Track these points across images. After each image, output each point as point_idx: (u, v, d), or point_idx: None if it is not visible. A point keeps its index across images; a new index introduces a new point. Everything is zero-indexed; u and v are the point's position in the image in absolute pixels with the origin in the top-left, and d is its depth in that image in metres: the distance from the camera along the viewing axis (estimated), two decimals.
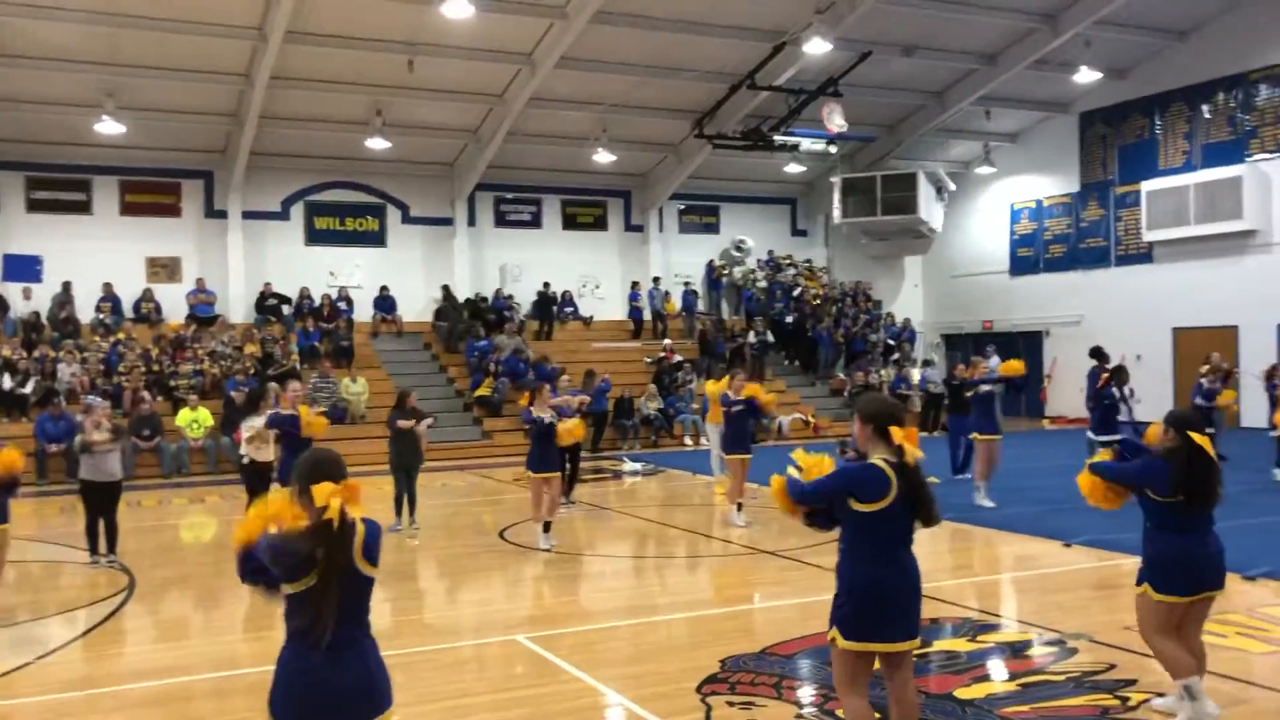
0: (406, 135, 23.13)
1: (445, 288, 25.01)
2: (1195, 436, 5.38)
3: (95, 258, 22.52)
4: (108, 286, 22.45)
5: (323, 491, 3.59)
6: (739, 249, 28.43)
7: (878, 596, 4.41)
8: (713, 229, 28.76)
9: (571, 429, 11.45)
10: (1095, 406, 13.87)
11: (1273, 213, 22.02)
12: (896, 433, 4.43)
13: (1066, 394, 25.39)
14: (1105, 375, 13.72)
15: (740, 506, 12.44)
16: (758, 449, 13.63)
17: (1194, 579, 5.37)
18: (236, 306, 23.44)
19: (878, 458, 4.46)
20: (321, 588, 3.52)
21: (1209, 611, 5.64)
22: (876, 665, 4.62)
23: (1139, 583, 5.51)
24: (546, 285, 25.70)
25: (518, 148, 24.33)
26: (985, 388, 13.44)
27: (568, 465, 13.75)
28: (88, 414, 11.03)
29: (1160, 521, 5.43)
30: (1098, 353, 14.59)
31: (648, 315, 26.40)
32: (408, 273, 25.19)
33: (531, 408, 11.35)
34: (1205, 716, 5.38)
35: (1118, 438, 13.37)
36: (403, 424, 12.41)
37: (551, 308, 25.61)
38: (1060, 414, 25.97)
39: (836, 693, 4.68)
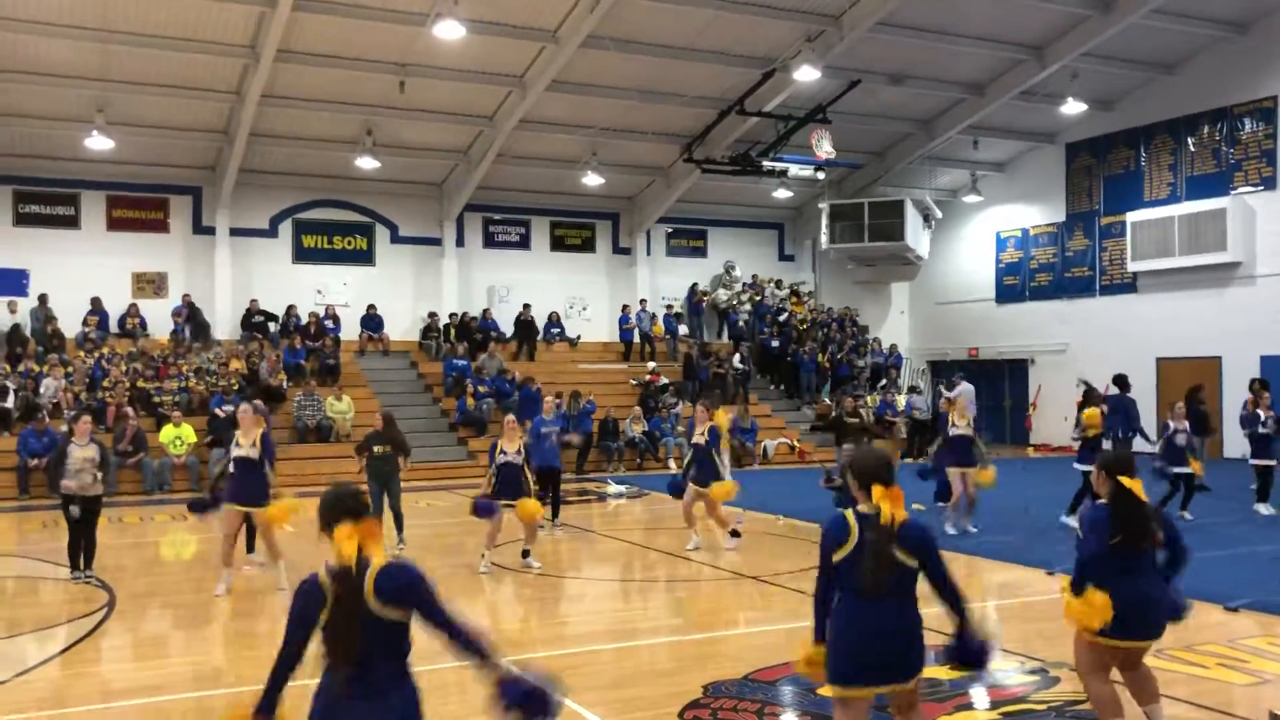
0: (396, 155, 23.17)
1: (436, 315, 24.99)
2: (1125, 481, 5.41)
3: (82, 272, 22.45)
4: (96, 301, 22.35)
5: (343, 532, 3.65)
6: (729, 273, 28.52)
7: (850, 642, 4.50)
8: (700, 252, 28.86)
9: (531, 510, 11.11)
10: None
11: (1256, 245, 22.21)
12: (878, 492, 4.52)
13: (1051, 422, 25.51)
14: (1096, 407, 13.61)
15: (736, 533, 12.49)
16: (746, 471, 13.48)
17: (1131, 625, 5.33)
18: (223, 323, 23.37)
19: (853, 508, 4.60)
20: (329, 624, 3.58)
21: (1144, 655, 5.61)
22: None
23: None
24: (527, 307, 25.65)
25: (507, 169, 24.38)
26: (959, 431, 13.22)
27: (549, 492, 13.72)
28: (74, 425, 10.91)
29: (1113, 566, 5.40)
30: (1119, 381, 14.60)
31: (637, 337, 26.45)
32: (395, 292, 25.17)
33: (499, 439, 11.30)
34: None
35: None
36: (357, 465, 12.45)
37: (530, 329, 25.50)
38: (1044, 442, 26.05)
39: None
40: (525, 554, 11.20)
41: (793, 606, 9.19)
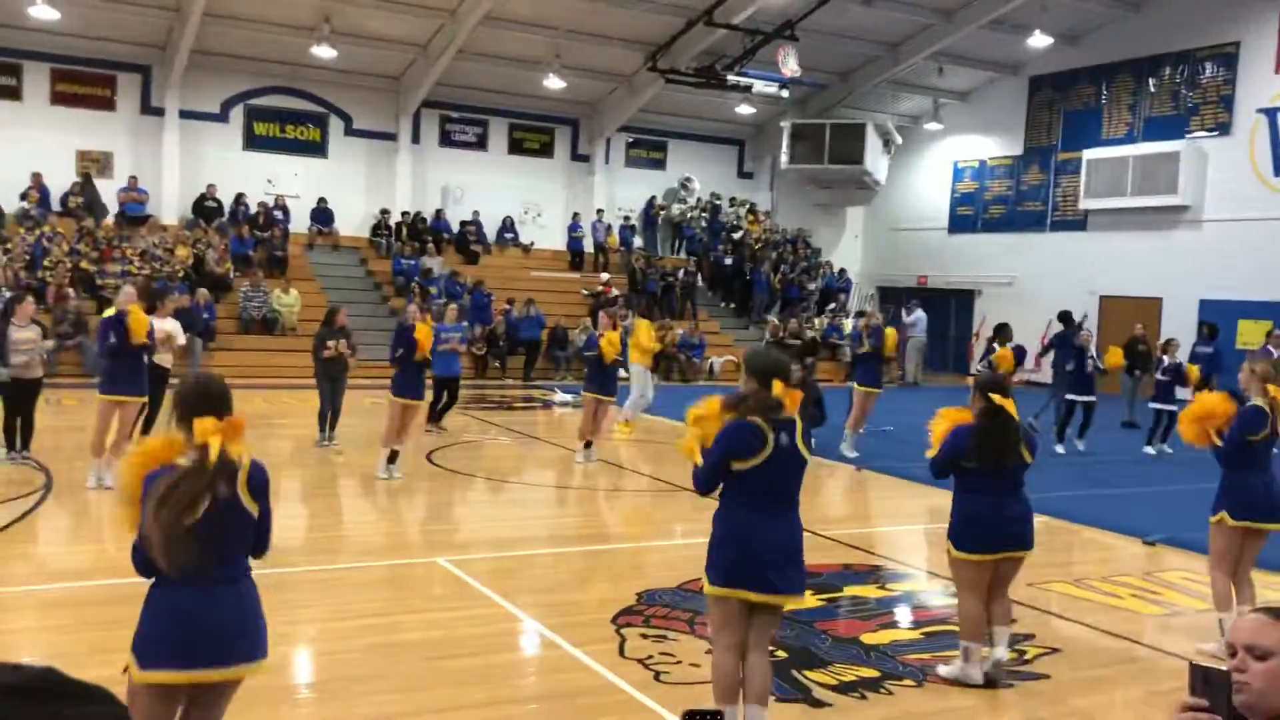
0: (354, 45, 22.58)
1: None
2: (996, 398, 5.54)
3: (23, 146, 21.74)
4: (36, 177, 21.72)
5: (203, 428, 3.49)
6: (685, 187, 28.27)
7: (743, 547, 4.45)
8: (659, 165, 28.60)
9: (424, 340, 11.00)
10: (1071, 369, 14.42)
11: (1206, 190, 22.42)
12: (778, 387, 4.45)
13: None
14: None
15: (589, 444, 12.30)
16: (692, 386, 13.42)
17: (995, 538, 5.53)
18: (169, 208, 22.84)
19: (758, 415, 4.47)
20: (177, 518, 3.43)
21: (1015, 573, 5.77)
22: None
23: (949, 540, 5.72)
24: (475, 214, 25.36)
25: (467, 66, 23.89)
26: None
27: (444, 394, 13.68)
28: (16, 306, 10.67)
29: (965, 484, 5.63)
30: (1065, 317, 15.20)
31: (588, 247, 26.31)
32: (347, 186, 24.73)
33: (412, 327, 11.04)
34: (967, 678, 5.62)
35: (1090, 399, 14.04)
36: (328, 352, 12.26)
37: (471, 235, 25.16)
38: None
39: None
40: (393, 456, 10.83)
41: None
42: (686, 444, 4.63)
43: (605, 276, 25.03)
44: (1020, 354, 15.06)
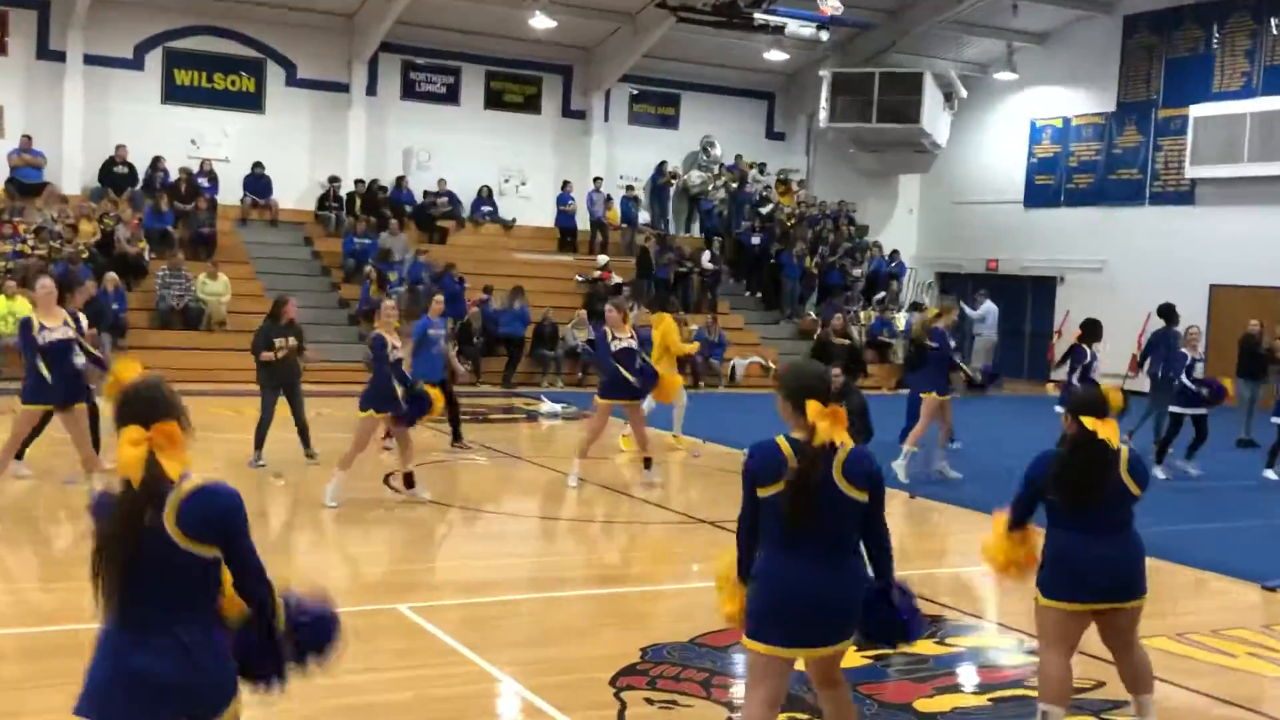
0: None
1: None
2: (1091, 422, 5.60)
3: None
4: None
5: (126, 438, 3.52)
6: (706, 150, 28.15)
7: (771, 594, 4.65)
8: (670, 123, 28.52)
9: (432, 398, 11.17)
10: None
11: None
12: (813, 409, 4.61)
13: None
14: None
15: (649, 462, 12.45)
16: (709, 394, 13.25)
17: (1089, 584, 5.56)
18: (71, 174, 22.84)
19: (785, 435, 4.68)
20: (106, 551, 3.49)
21: (1133, 625, 5.75)
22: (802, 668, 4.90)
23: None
24: (444, 183, 25.38)
25: (435, 1, 23.93)
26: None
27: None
28: None
29: (1056, 518, 5.69)
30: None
31: (583, 223, 26.22)
32: (290, 148, 24.67)
33: (381, 331, 10.97)
34: None
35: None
36: (266, 355, 12.27)
37: (440, 209, 25.30)
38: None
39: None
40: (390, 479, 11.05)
41: None
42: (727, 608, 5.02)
43: (604, 259, 24.95)
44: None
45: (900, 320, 25.48)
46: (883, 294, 26.65)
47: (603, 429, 12.47)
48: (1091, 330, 14.02)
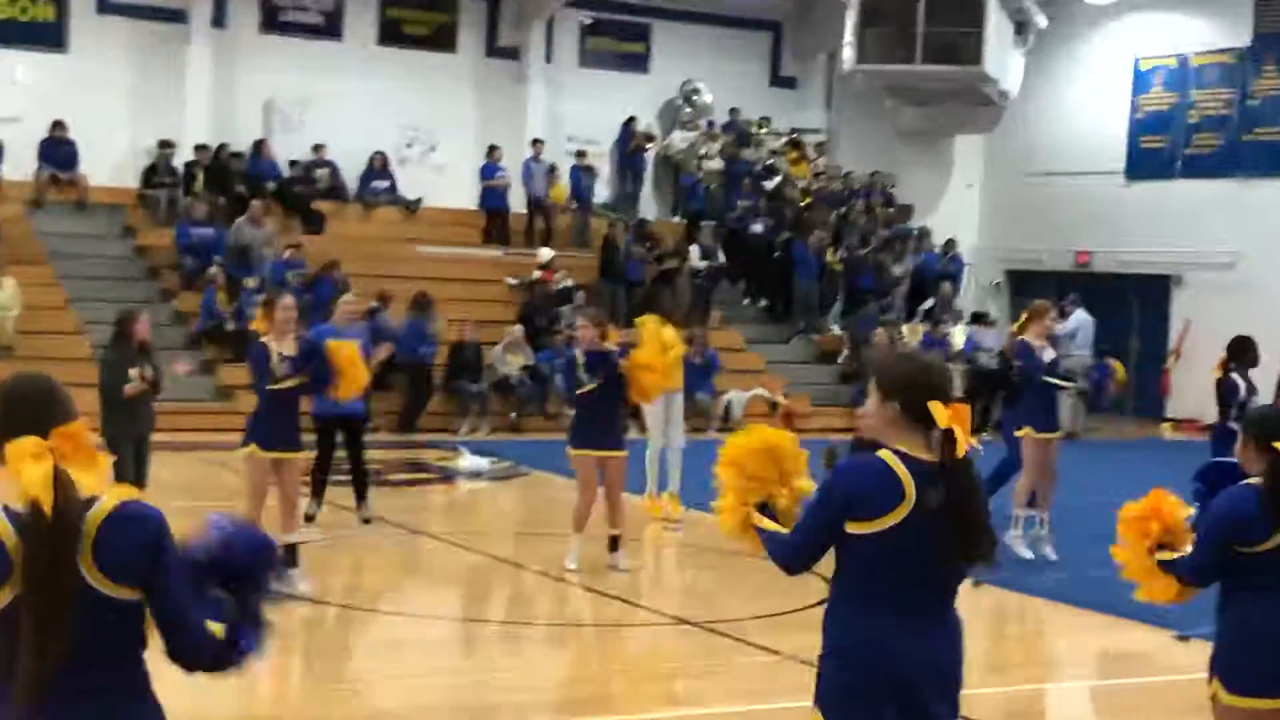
0: None
1: None
2: None
3: None
4: None
5: (19, 451, 3.52)
6: (690, 102, 28.15)
7: (872, 664, 4.60)
8: (639, 64, 28.75)
9: (352, 361, 11.41)
10: None
11: None
12: (940, 412, 4.55)
13: (1201, 381, 24.52)
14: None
15: (615, 541, 12.60)
16: (697, 441, 14.88)
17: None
18: None
19: (892, 450, 4.63)
20: (16, 605, 3.52)
21: None
22: None
23: (1209, 678, 5.67)
24: (320, 150, 25.35)
25: None
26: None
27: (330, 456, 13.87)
28: None
29: (1247, 582, 5.59)
30: None
31: (518, 204, 26.07)
32: (104, 101, 24.58)
33: (265, 338, 11.27)
34: None
35: None
36: (131, 389, 12.25)
37: (315, 185, 25.38)
38: (1190, 415, 25.71)
39: None
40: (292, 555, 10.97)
41: (764, 675, 9.45)
42: (728, 507, 5.04)
43: (547, 254, 24.87)
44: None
45: (958, 336, 25.41)
46: (932, 301, 26.54)
47: (595, 486, 12.47)
48: (1242, 351, 14.36)
